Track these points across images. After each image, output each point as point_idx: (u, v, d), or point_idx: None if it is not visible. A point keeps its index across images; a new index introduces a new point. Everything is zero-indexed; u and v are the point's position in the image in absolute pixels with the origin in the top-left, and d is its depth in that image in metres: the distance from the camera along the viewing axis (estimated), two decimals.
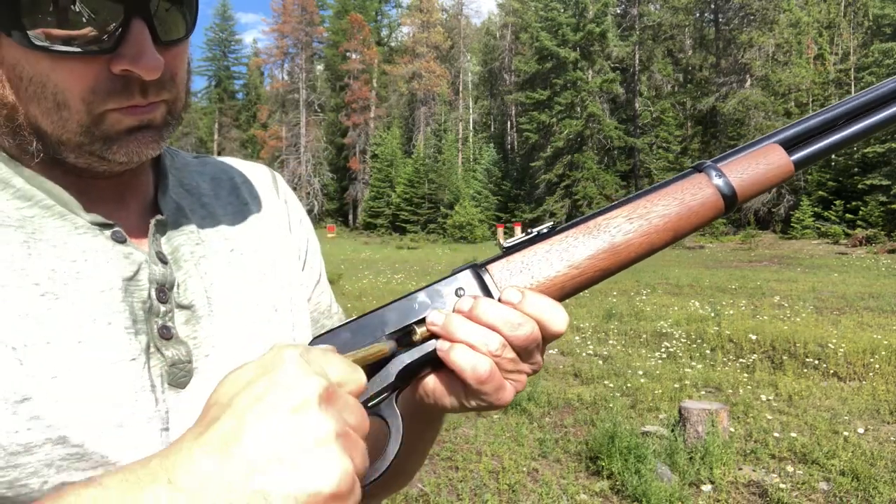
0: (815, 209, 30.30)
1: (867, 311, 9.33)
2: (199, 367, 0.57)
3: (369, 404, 0.50)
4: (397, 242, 38.65)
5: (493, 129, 52.89)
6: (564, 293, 0.54)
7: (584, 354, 7.09)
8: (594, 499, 3.61)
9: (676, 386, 5.72)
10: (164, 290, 0.57)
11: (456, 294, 0.53)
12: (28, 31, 0.47)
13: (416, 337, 0.52)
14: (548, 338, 0.53)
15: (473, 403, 0.54)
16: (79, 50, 0.48)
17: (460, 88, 52.36)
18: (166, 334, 0.56)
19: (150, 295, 0.56)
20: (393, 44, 59.82)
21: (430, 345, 0.52)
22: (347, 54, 52.40)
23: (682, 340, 7.50)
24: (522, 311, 0.52)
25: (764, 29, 34.66)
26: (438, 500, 3.53)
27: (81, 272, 0.54)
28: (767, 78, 34.36)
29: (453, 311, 0.52)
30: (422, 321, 0.52)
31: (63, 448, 0.48)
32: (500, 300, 0.52)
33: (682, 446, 4.03)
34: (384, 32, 61.51)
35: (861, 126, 0.60)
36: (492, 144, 47.58)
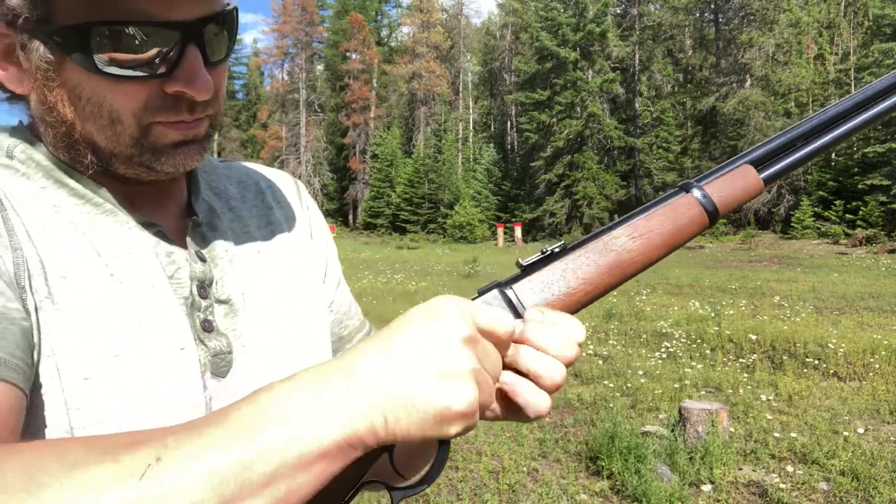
0: (816, 209, 30.29)
1: (867, 311, 9.33)
2: (237, 357, 0.62)
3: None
4: (397, 242, 38.65)
5: (493, 129, 52.89)
6: (580, 307, 0.59)
7: (584, 354, 7.09)
8: (594, 499, 3.61)
9: (676, 386, 5.72)
10: (204, 287, 0.62)
11: None
12: (94, 56, 0.52)
13: None
14: None
15: (507, 415, 0.55)
16: (140, 74, 0.54)
17: (460, 88, 52.36)
18: (208, 327, 0.61)
19: (191, 291, 0.61)
20: (393, 44, 59.81)
21: None
22: (347, 54, 52.40)
23: (682, 340, 7.50)
24: (562, 333, 0.53)
25: (764, 29, 34.66)
26: (438, 500, 3.53)
27: (136, 264, 0.59)
28: (767, 78, 34.36)
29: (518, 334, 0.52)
30: None
31: (110, 429, 0.51)
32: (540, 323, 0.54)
33: (682, 446, 4.03)
34: (384, 32, 61.50)
35: (819, 144, 0.68)
36: (492, 144, 47.57)
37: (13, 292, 0.51)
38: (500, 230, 36.62)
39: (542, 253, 0.58)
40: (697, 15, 40.50)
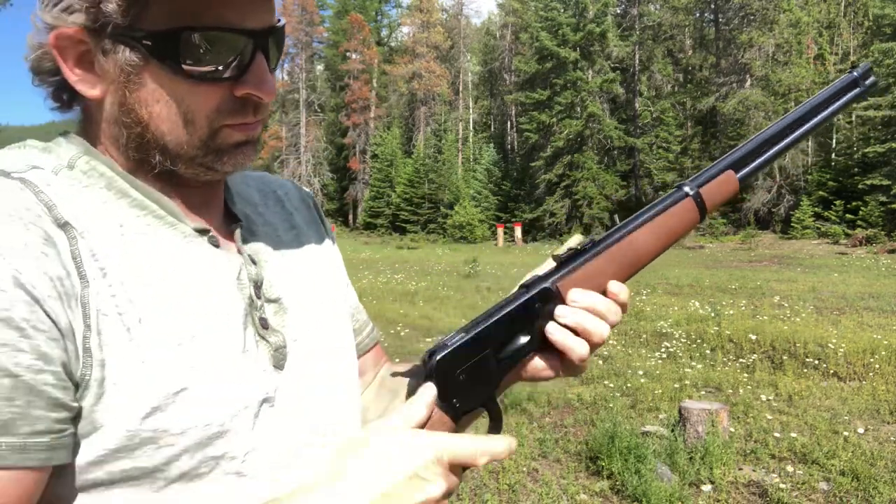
0: (816, 209, 30.29)
1: (867, 311, 9.33)
2: (290, 351, 0.67)
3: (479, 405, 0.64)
4: (397, 242, 38.64)
5: (493, 129, 52.87)
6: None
7: None
8: (594, 499, 3.61)
9: (676, 386, 5.72)
10: (258, 287, 0.67)
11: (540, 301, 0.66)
12: (181, 60, 0.57)
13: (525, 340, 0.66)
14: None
15: (565, 373, 0.71)
16: (218, 77, 0.59)
17: (460, 88, 52.34)
18: (265, 325, 0.65)
19: (251, 292, 0.66)
20: (393, 44, 59.79)
21: (524, 343, 0.66)
22: (347, 54, 52.38)
23: (682, 340, 7.50)
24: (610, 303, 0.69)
25: (764, 29, 34.65)
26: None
27: (201, 274, 0.62)
28: (767, 78, 34.35)
29: (571, 304, 0.67)
30: (532, 321, 0.66)
31: (208, 429, 0.57)
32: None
33: (682, 446, 4.03)
34: (384, 32, 61.48)
35: (786, 142, 0.77)
36: (492, 144, 47.55)
37: (57, 356, 0.50)
38: (500, 230, 36.60)
39: (577, 248, 0.68)
40: (697, 15, 40.49)
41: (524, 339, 0.66)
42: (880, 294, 11.11)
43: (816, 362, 6.34)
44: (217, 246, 0.65)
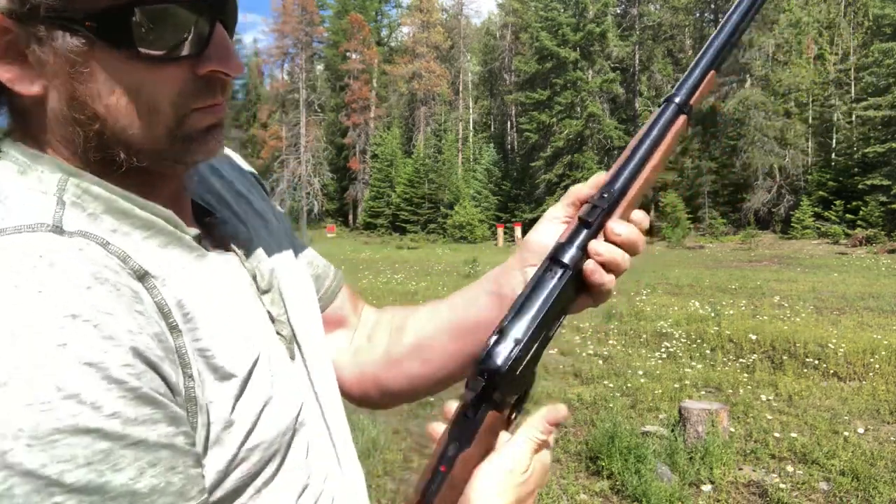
0: (815, 209, 30.30)
1: (867, 311, 9.33)
2: (297, 339, 0.67)
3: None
4: (397, 242, 38.64)
5: (493, 129, 52.87)
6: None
7: (584, 354, 7.09)
8: (594, 499, 3.61)
9: (676, 386, 5.72)
10: (255, 281, 0.64)
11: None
12: (135, 40, 0.49)
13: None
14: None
15: (591, 306, 0.72)
16: (180, 55, 0.52)
17: (460, 88, 52.34)
18: (271, 318, 0.64)
19: (255, 288, 0.63)
20: (393, 44, 59.80)
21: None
22: (347, 54, 52.38)
23: (682, 340, 7.50)
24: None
25: (764, 29, 34.65)
26: None
27: (227, 285, 0.59)
28: (767, 78, 34.36)
29: (605, 234, 0.67)
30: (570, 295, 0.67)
31: (286, 435, 0.58)
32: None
33: (682, 446, 4.03)
34: (384, 32, 61.49)
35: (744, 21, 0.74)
36: (492, 144, 47.55)
37: (181, 414, 0.48)
38: (500, 230, 36.60)
39: (596, 202, 0.68)
40: (697, 15, 40.50)
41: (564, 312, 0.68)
42: (880, 294, 11.11)
43: (816, 362, 6.34)
44: (210, 248, 0.61)
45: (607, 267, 0.66)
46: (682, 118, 0.72)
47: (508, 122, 49.66)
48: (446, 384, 0.82)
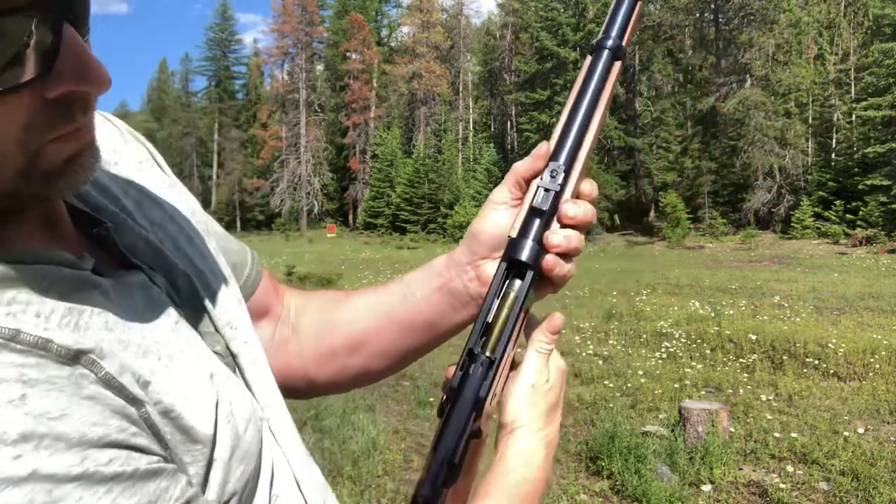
0: (815, 209, 30.31)
1: (867, 311, 9.33)
2: (232, 345, 0.56)
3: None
4: (397, 242, 38.66)
5: (493, 129, 52.88)
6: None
7: (584, 354, 7.09)
8: (594, 499, 3.61)
9: (676, 386, 5.72)
10: (170, 297, 0.52)
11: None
12: None
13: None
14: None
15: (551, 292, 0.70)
16: (19, 81, 0.37)
17: (460, 88, 52.34)
18: (200, 334, 0.53)
19: (174, 304, 0.52)
20: (393, 44, 59.80)
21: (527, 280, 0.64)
22: (347, 54, 52.40)
23: (682, 340, 7.50)
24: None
25: (764, 29, 34.66)
26: None
27: (149, 318, 0.48)
28: (767, 78, 34.37)
29: (560, 218, 0.65)
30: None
31: (259, 457, 0.52)
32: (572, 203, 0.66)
33: (682, 446, 4.03)
34: (384, 32, 61.49)
35: None
36: (492, 144, 47.56)
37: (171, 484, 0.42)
38: None
39: (548, 186, 0.66)
40: (697, 15, 40.49)
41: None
42: (880, 294, 11.12)
43: (816, 362, 6.34)
44: (110, 272, 0.48)
45: (566, 256, 0.65)
46: (617, 64, 0.66)
47: (508, 122, 49.66)
48: (385, 376, 0.79)
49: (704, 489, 3.64)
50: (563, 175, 0.66)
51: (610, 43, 0.65)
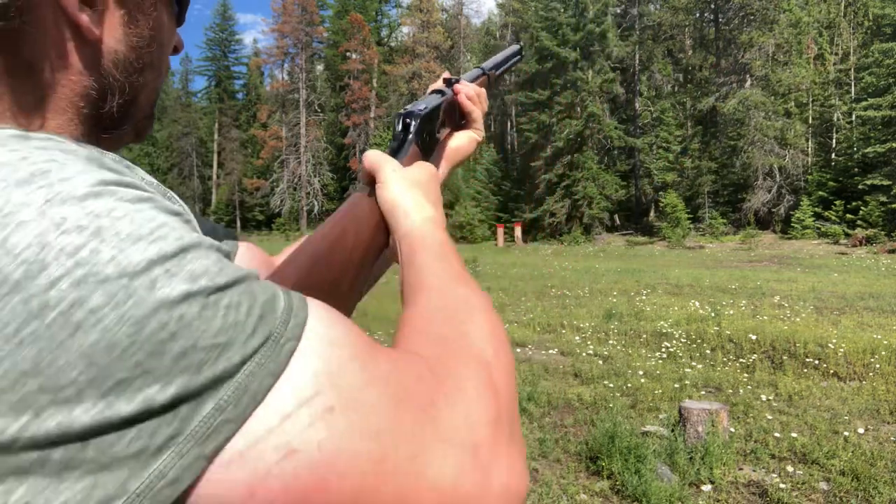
0: (816, 209, 30.30)
1: (867, 311, 9.33)
2: None
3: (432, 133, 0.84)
4: None
5: (493, 129, 52.86)
6: None
7: (584, 354, 7.09)
8: (594, 499, 3.61)
9: (676, 386, 5.72)
10: None
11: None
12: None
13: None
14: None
15: (477, 142, 0.93)
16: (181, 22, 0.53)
17: None
18: None
19: None
20: (393, 44, 59.79)
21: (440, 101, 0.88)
22: (347, 54, 52.39)
23: (682, 340, 7.50)
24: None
25: (764, 29, 34.65)
26: None
27: None
28: (767, 78, 34.36)
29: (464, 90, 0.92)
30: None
31: None
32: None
33: (682, 446, 4.03)
34: (384, 32, 61.47)
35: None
36: (492, 144, 47.56)
37: None
38: (501, 230, 36.61)
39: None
40: (697, 15, 40.49)
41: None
42: (880, 294, 11.12)
43: (816, 362, 6.34)
44: None
45: (471, 99, 0.87)
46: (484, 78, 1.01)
47: (508, 122, 49.67)
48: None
49: (704, 489, 3.64)
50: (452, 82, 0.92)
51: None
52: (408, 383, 0.40)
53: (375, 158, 0.69)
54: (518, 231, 35.43)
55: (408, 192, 0.67)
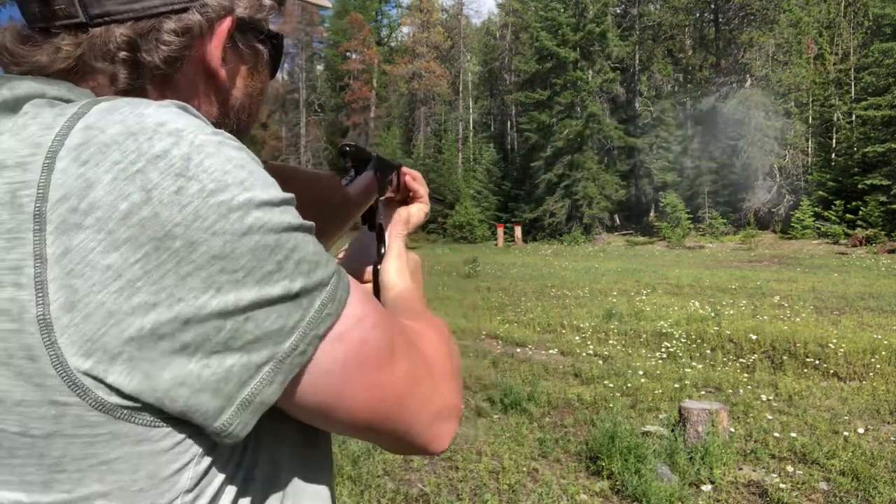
0: (815, 209, 30.30)
1: (867, 311, 9.33)
2: None
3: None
4: None
5: (493, 129, 52.89)
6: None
7: (584, 354, 7.09)
8: (594, 499, 3.61)
9: (676, 386, 5.72)
10: None
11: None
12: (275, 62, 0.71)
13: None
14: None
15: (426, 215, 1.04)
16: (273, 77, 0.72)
17: (460, 88, 52.32)
18: None
19: None
20: (393, 44, 59.79)
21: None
22: (347, 54, 52.39)
23: (682, 340, 7.50)
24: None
25: (764, 29, 34.66)
26: (438, 500, 3.53)
27: None
28: (767, 78, 34.36)
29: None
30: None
31: None
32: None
33: (682, 446, 4.03)
34: (384, 32, 61.48)
35: None
36: (492, 144, 47.55)
37: None
38: (501, 230, 36.60)
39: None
40: (697, 15, 40.50)
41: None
42: (880, 294, 11.12)
43: (816, 362, 6.34)
44: None
45: (416, 179, 0.99)
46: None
47: (508, 122, 49.68)
48: None
49: (704, 489, 3.64)
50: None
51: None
52: (402, 328, 0.60)
53: (392, 239, 0.91)
54: (518, 231, 35.43)
55: (399, 264, 0.87)
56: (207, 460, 0.49)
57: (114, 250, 0.43)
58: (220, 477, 0.50)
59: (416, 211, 1.00)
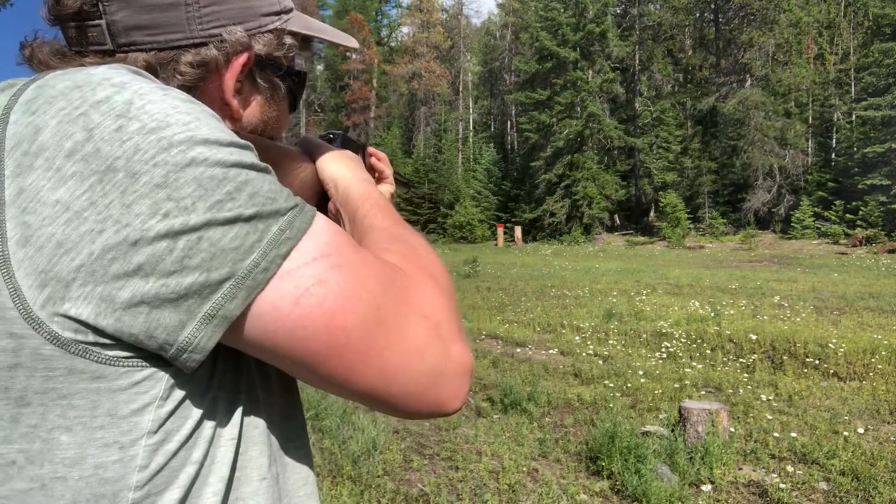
0: (815, 209, 30.30)
1: (867, 311, 9.33)
2: None
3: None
4: None
5: (493, 129, 52.89)
6: None
7: (584, 354, 7.09)
8: (594, 499, 3.61)
9: (676, 386, 5.72)
10: None
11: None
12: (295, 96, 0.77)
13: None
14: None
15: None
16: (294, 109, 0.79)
17: (460, 88, 52.33)
18: None
19: None
20: (393, 44, 59.80)
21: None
22: (347, 54, 52.38)
23: (682, 340, 7.50)
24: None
25: (764, 29, 34.65)
26: (438, 500, 3.53)
27: None
28: (767, 78, 34.36)
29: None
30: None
31: None
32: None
33: (682, 446, 4.03)
34: (384, 32, 61.49)
35: None
36: (492, 144, 47.56)
37: None
38: (501, 230, 36.60)
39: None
40: (697, 15, 40.51)
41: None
42: (880, 294, 11.12)
43: (816, 362, 6.34)
44: None
45: (381, 160, 1.02)
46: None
47: (508, 122, 49.67)
48: None
49: (704, 489, 3.64)
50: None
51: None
52: (387, 269, 0.56)
53: (313, 140, 0.87)
54: (518, 231, 35.43)
55: (344, 162, 0.84)
56: (170, 405, 0.49)
57: (61, 185, 0.46)
58: (189, 424, 0.51)
59: (383, 191, 1.00)
